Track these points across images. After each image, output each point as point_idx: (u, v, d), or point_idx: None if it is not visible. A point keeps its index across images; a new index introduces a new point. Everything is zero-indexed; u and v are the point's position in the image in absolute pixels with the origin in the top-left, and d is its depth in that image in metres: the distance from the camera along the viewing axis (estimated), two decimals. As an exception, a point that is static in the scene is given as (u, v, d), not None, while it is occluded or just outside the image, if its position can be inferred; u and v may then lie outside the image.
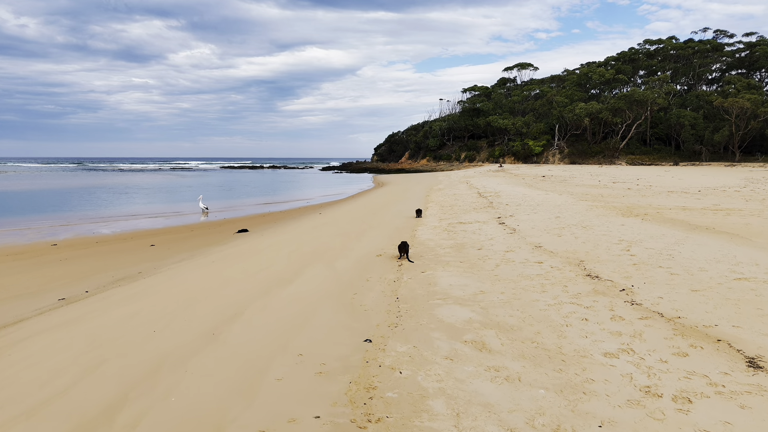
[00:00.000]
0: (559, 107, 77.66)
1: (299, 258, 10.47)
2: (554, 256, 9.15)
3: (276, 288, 7.90)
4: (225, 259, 11.01)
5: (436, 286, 7.49)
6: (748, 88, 65.10)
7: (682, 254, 8.78)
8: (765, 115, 59.09)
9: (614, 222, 12.94)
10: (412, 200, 23.98)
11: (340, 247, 11.45)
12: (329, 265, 9.47)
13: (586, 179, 36.08)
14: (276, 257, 10.77)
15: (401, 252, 10.08)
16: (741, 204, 17.45)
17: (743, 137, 63.11)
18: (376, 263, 9.48)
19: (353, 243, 12.00)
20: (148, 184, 54.25)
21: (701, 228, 11.75)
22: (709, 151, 66.12)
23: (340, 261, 9.85)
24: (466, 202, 20.19)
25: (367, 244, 11.80)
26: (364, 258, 10.04)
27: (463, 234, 12.27)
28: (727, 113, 61.58)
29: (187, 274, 9.61)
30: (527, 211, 16.17)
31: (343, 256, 10.40)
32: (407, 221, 15.60)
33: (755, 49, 71.79)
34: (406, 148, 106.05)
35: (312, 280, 8.38)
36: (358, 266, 9.29)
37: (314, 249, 11.47)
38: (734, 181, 30.73)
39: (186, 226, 18.76)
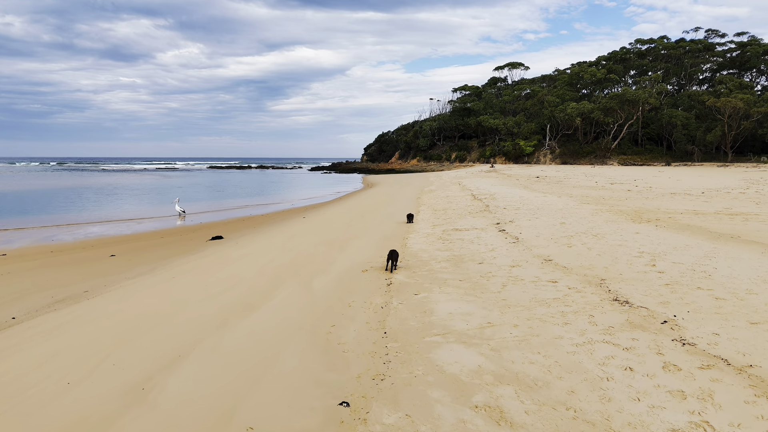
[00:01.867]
0: (551, 107, 76.71)
1: (273, 273, 9.07)
2: (569, 273, 7.83)
3: (237, 316, 6.49)
4: (187, 275, 9.57)
5: (432, 315, 6.13)
6: (740, 87, 64.55)
7: (718, 271, 7.50)
8: (757, 115, 58.50)
9: (627, 229, 11.68)
10: (403, 203, 22.62)
11: (321, 259, 10.06)
12: (306, 284, 8.08)
13: (582, 180, 34.97)
14: (246, 272, 9.35)
15: (390, 261, 8.76)
16: (753, 207, 16.31)
17: (735, 137, 62.52)
18: (360, 281, 8.10)
19: (336, 254, 10.61)
20: (130, 185, 52.39)
21: (725, 236, 10.51)
22: (701, 152, 65.48)
23: (319, 278, 8.45)
24: (461, 206, 18.87)
25: (352, 255, 10.42)
26: (347, 274, 8.66)
27: (460, 243, 10.92)
28: (719, 113, 60.94)
29: (138, 295, 8.17)
30: (528, 215, 14.87)
31: (323, 270, 9.01)
32: (397, 227, 14.24)
33: (746, 49, 71.32)
34: (396, 148, 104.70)
35: (282, 304, 6.99)
36: (339, 285, 7.90)
37: (291, 261, 10.07)
38: (734, 183, 29.75)
39: (157, 232, 17.25)
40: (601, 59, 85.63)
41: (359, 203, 24.64)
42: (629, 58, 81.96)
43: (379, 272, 8.66)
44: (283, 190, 43.67)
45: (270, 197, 34.82)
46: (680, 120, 66.41)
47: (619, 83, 79.73)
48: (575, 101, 75.62)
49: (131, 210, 25.48)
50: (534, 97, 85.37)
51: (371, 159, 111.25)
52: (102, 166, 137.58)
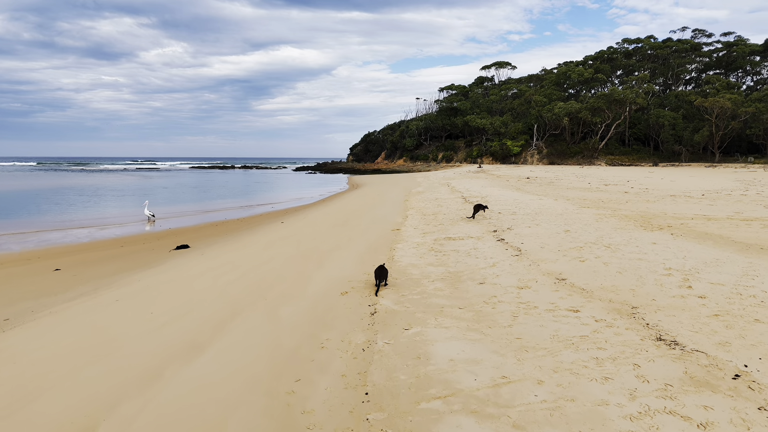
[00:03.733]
0: (538, 106, 75.95)
1: (235, 295, 7.61)
2: (590, 298, 6.49)
3: (177, 361, 5.04)
4: (135, 297, 8.06)
5: (428, 363, 4.73)
6: (728, 87, 64.31)
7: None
8: (745, 116, 58.21)
9: (641, 239, 10.40)
10: (390, 206, 21.22)
11: (295, 277, 8.62)
12: (272, 312, 6.63)
13: (574, 181, 33.90)
14: (204, 294, 7.87)
15: (378, 280, 7.39)
16: (763, 211, 15.21)
17: (723, 138, 62.24)
18: (339, 308, 6.68)
19: (313, 269, 9.17)
20: (106, 186, 50.28)
21: (755, 248, 9.28)
22: (689, 152, 65.15)
23: (289, 304, 7.01)
24: (451, 210, 17.52)
25: (331, 270, 8.98)
26: (323, 297, 7.23)
27: (455, 256, 9.54)
28: (707, 113, 60.56)
29: (65, 327, 6.65)
30: (526, 221, 13.56)
31: (295, 293, 7.57)
32: (384, 235, 12.83)
33: (733, 49, 71.23)
34: (382, 147, 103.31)
35: (238, 343, 5.54)
36: (312, 314, 6.47)
37: (260, 279, 8.62)
38: (730, 184, 28.88)
39: (118, 240, 15.62)
40: (588, 59, 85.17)
41: (343, 206, 23.19)
42: (616, 57, 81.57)
43: (361, 294, 7.25)
44: (265, 192, 42.02)
45: (250, 199, 33.18)
46: (667, 120, 66.01)
47: (607, 83, 79.28)
48: (562, 101, 74.95)
49: (97, 214, 23.72)
50: (521, 96, 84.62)
51: (357, 159, 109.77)
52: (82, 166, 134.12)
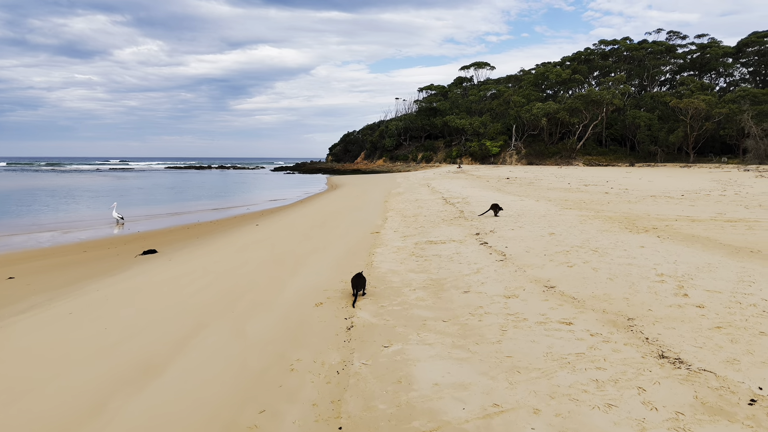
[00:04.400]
0: (516, 107, 76.20)
1: (201, 306, 7.00)
2: (582, 308, 6.06)
3: (125, 390, 4.45)
4: (91, 309, 7.38)
5: (411, 388, 4.22)
6: (702, 89, 65.36)
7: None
8: (719, 116, 59.16)
9: (628, 242, 10.07)
10: (369, 207, 20.70)
11: (267, 285, 8.04)
12: (239, 327, 6.06)
13: (553, 181, 33.85)
14: (167, 305, 7.25)
15: (355, 289, 6.90)
16: (745, 212, 15.11)
17: (697, 138, 63.18)
18: (313, 321, 6.13)
19: (287, 276, 8.60)
20: (76, 186, 48.68)
21: (744, 251, 9.02)
22: (664, 152, 65.96)
23: (258, 316, 6.44)
24: (432, 211, 17.08)
25: (307, 277, 8.43)
26: (296, 309, 6.67)
27: (438, 261, 9.07)
28: (682, 114, 61.41)
29: (7, 346, 5.96)
30: (509, 223, 13.17)
31: (266, 303, 7.00)
32: (363, 238, 12.31)
33: (706, 51, 72.47)
34: (361, 148, 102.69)
35: (197, 365, 4.96)
36: (283, 328, 5.92)
37: (229, 288, 8.01)
38: (707, 184, 29.09)
39: (81, 245, 14.78)
40: (566, 59, 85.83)
41: (321, 208, 22.58)
42: (593, 58, 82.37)
43: (337, 305, 6.71)
44: (241, 193, 41.10)
45: (225, 201, 32.30)
46: (643, 121, 66.78)
47: (584, 84, 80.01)
48: (541, 101, 75.34)
49: (63, 217, 22.67)
50: (500, 97, 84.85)
51: (336, 159, 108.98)
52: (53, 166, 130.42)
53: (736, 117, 56.44)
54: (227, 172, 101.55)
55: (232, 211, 24.22)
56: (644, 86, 79.36)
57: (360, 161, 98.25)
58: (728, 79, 74.71)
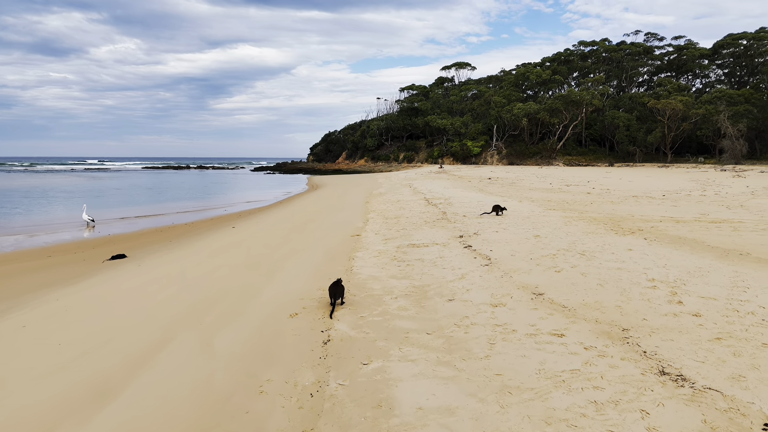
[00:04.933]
0: (497, 107, 76.46)
1: (168, 317, 6.51)
2: (574, 317, 5.73)
3: (75, 417, 3.97)
4: (48, 321, 6.82)
5: (392, 414, 3.82)
6: (679, 90, 66.31)
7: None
8: (695, 117, 60.05)
9: (615, 244, 9.82)
10: (350, 208, 20.26)
11: (240, 293, 7.56)
12: (207, 340, 5.59)
13: (535, 182, 33.81)
14: (131, 315, 6.73)
15: (333, 299, 6.49)
16: (727, 213, 15.07)
17: (674, 139, 64.08)
18: (287, 334, 5.69)
19: (262, 283, 8.13)
20: (49, 187, 47.23)
21: (733, 253, 8.82)
22: (643, 152, 66.79)
23: (228, 328, 5.97)
24: (414, 212, 16.71)
25: (281, 285, 7.97)
26: (270, 320, 6.22)
27: (420, 266, 8.68)
28: (660, 115, 62.20)
29: (-54, 367, 5.40)
30: (493, 225, 12.86)
31: (237, 314, 6.53)
32: (343, 241, 11.88)
33: (683, 52, 73.57)
34: (343, 147, 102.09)
35: (158, 388, 4.48)
36: (255, 342, 5.47)
37: (199, 296, 7.51)
38: (686, 184, 29.31)
39: (45, 250, 14.06)
40: (546, 60, 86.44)
41: (301, 209, 22.07)
42: (572, 59, 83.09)
43: (314, 316, 6.28)
44: (219, 194, 40.27)
45: (202, 201, 31.53)
46: (622, 121, 67.52)
47: (564, 84, 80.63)
48: (521, 102, 75.69)
49: (31, 219, 21.75)
50: (481, 97, 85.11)
51: (318, 159, 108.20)
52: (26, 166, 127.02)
53: (713, 117, 57.34)
54: (206, 172, 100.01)
55: (208, 213, 23.53)
56: (623, 87, 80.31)
57: (341, 161, 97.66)
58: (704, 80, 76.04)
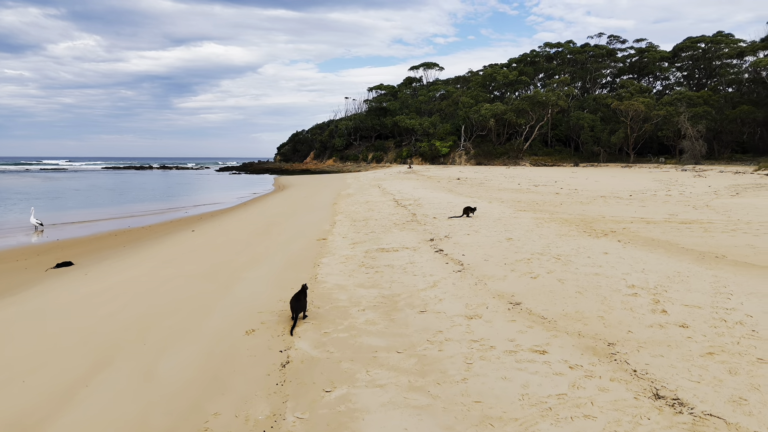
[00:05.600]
0: (465, 108, 76.78)
1: (107, 337, 5.81)
2: (555, 330, 5.31)
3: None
4: (-33, 344, 6.02)
5: (358, 455, 3.29)
6: (641, 91, 67.85)
7: (757, 320, 5.32)
8: (657, 118, 61.48)
9: (589, 247, 9.53)
10: (317, 210, 19.63)
11: (191, 307, 6.89)
12: (149, 365, 4.94)
13: (503, 182, 33.80)
14: (66, 335, 6.00)
15: (295, 313, 5.93)
16: (695, 213, 15.11)
17: (637, 139, 65.48)
18: (240, 356, 5.09)
19: (217, 295, 7.48)
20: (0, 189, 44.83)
21: (709, 257, 8.62)
22: (607, 152, 68.06)
23: (175, 350, 5.33)
24: (383, 214, 16.21)
25: (239, 296, 7.34)
26: (223, 339, 5.60)
27: (390, 273, 8.18)
28: (623, 116, 63.46)
29: None
30: (464, 228, 12.47)
31: (187, 332, 5.88)
32: (308, 246, 11.28)
33: (644, 55, 75.38)
34: (311, 147, 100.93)
35: (83, 424, 3.83)
36: (204, 368, 4.85)
37: (146, 311, 6.82)
38: (651, 184, 29.75)
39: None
40: (512, 61, 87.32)
41: (265, 210, 21.29)
42: (538, 61, 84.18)
43: (273, 332, 5.69)
44: (182, 195, 38.93)
45: (163, 203, 30.30)
46: (587, 122, 68.68)
47: (530, 85, 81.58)
48: (489, 102, 76.20)
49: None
50: (449, 98, 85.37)
51: (285, 159, 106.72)
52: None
53: (673, 119, 58.80)
54: (169, 172, 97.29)
55: (168, 215, 22.48)
56: (587, 88, 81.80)
57: (309, 161, 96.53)
58: (665, 82, 78.10)
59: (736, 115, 57.48)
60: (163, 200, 33.05)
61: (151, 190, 44.02)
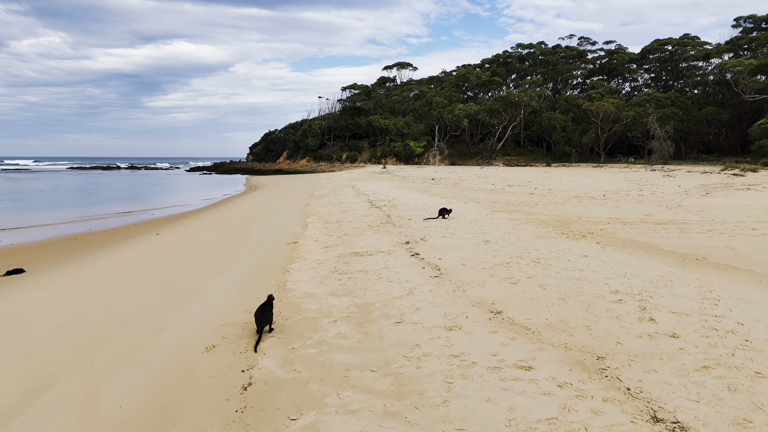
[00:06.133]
0: (439, 108, 76.82)
1: (52, 354, 5.24)
2: (540, 342, 4.97)
3: None
4: None
5: (326, 501, 2.85)
6: (611, 92, 68.94)
7: (748, 328, 5.08)
8: (626, 119, 62.51)
9: (568, 250, 9.27)
10: (288, 211, 19.06)
11: (146, 320, 6.34)
12: (92, 390, 4.41)
13: (477, 182, 33.71)
14: (8, 352, 5.39)
15: (260, 326, 5.47)
16: (668, 213, 15.11)
17: (607, 140, 66.51)
18: (197, 378, 4.60)
19: (176, 307, 6.93)
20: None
21: (690, 259, 8.45)
22: (578, 153, 68.94)
23: (124, 371, 4.80)
24: (357, 216, 15.77)
25: (200, 307, 6.81)
26: (179, 357, 5.09)
27: (364, 280, 7.75)
28: (594, 116, 64.36)
29: None
30: (440, 230, 12.12)
31: (139, 351, 5.34)
32: (277, 250, 10.77)
33: (613, 57, 76.64)
34: (284, 147, 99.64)
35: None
36: (154, 392, 4.34)
37: (98, 325, 6.23)
38: (623, 184, 30.03)
39: (-73, 265, 12.04)
40: (485, 62, 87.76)
41: (235, 212, 20.61)
42: (511, 62, 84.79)
43: (235, 348, 5.21)
44: (149, 196, 37.72)
45: (129, 204, 29.20)
46: (559, 122, 69.43)
47: (503, 86, 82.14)
48: (462, 103, 76.43)
49: None
50: (422, 98, 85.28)
51: (257, 159, 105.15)
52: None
53: (642, 119, 59.86)
54: (137, 172, 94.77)
55: (133, 218, 21.57)
56: (558, 89, 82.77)
57: (282, 161, 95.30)
58: (633, 84, 79.56)
59: (702, 116, 58.84)
60: (130, 202, 31.89)
61: (117, 191, 42.58)
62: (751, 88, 53.14)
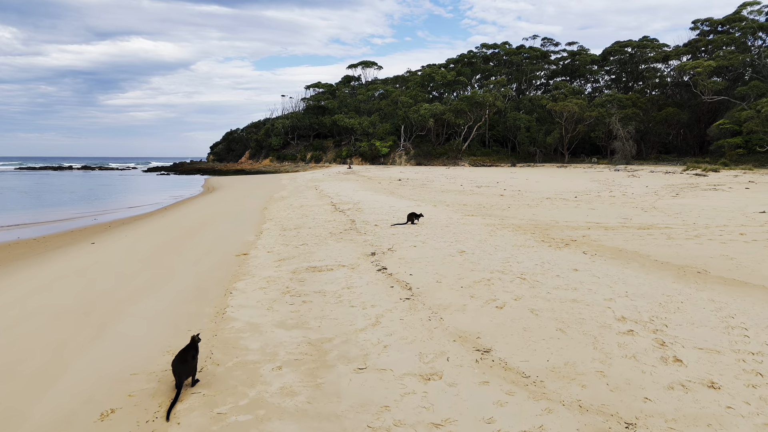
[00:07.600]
0: (404, 107, 75.94)
1: None
2: (546, 400, 3.81)
3: None
4: None
5: None
6: (573, 93, 69.48)
7: (800, 373, 4.06)
8: (589, 119, 63.02)
9: (555, 262, 8.22)
10: (244, 216, 17.56)
11: (36, 367, 4.90)
12: None
13: (445, 183, 32.80)
14: None
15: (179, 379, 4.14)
16: (647, 217, 14.40)
17: (571, 140, 66.98)
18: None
19: (85, 341, 5.50)
20: None
21: (691, 272, 7.51)
22: (542, 153, 69.23)
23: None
24: (319, 221, 14.43)
25: (114, 343, 5.40)
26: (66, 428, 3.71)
27: (321, 304, 6.47)
28: (558, 117, 64.65)
29: None
30: (410, 237, 10.93)
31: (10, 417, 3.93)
32: (223, 263, 9.36)
33: (576, 58, 77.44)
34: (246, 147, 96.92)
35: None
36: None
37: (-30, 376, 4.75)
38: (591, 184, 29.67)
39: None
40: (450, 62, 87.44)
41: (187, 217, 18.94)
42: (475, 62, 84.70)
43: (142, 412, 3.86)
44: (99, 198, 35.26)
45: (73, 208, 26.95)
46: (523, 123, 69.58)
47: (468, 86, 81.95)
48: (427, 102, 75.79)
49: None
50: (388, 97, 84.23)
51: (219, 159, 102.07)
52: None
53: (605, 120, 60.41)
54: (91, 173, 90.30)
55: (71, 224, 19.58)
56: (522, 90, 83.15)
57: (244, 161, 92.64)
58: (595, 84, 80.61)
59: (662, 117, 59.79)
60: (75, 205, 29.53)
61: (63, 194, 39.79)
62: (709, 89, 54.19)
